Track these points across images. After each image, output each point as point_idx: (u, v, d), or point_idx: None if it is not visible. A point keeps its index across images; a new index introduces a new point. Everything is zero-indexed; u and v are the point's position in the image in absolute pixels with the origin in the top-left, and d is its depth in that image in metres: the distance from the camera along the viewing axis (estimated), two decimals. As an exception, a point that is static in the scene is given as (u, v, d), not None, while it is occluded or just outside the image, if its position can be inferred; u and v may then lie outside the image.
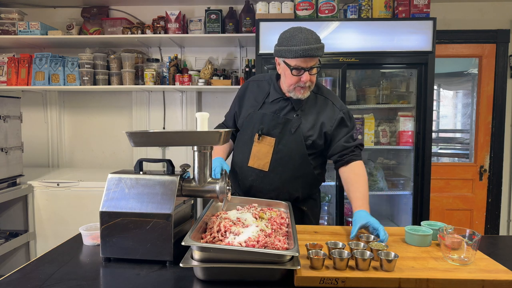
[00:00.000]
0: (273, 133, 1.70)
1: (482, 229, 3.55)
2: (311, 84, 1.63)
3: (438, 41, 3.19)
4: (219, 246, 1.12)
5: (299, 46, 1.52)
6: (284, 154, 1.69)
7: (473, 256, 1.20)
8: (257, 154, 1.72)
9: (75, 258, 1.33)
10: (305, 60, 1.55)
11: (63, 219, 2.98)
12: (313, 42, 1.53)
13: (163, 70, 3.32)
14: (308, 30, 1.57)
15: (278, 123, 1.70)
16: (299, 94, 1.64)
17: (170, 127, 3.64)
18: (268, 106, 1.74)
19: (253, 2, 3.17)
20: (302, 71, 1.57)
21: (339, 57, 2.82)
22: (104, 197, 1.29)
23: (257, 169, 1.72)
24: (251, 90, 1.83)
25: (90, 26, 3.36)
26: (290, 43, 1.54)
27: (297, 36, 1.54)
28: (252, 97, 1.80)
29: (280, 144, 1.69)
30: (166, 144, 1.33)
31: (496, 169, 3.51)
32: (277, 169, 1.70)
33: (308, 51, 1.51)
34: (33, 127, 3.67)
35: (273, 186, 1.71)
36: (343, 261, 1.12)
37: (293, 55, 1.53)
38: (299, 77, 1.59)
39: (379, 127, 3.20)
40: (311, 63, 1.57)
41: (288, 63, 1.58)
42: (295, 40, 1.53)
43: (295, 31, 1.56)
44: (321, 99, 1.74)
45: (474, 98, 3.58)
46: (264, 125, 1.71)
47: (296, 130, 1.68)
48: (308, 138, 1.68)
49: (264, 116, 1.72)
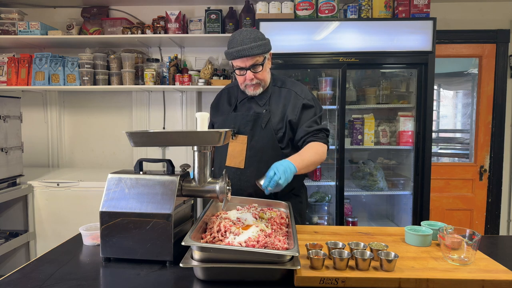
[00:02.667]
0: (244, 130, 1.76)
1: (482, 229, 3.55)
2: (260, 81, 1.71)
3: (438, 41, 3.20)
4: (219, 246, 1.12)
5: (235, 48, 1.60)
6: (257, 149, 1.74)
7: (473, 256, 1.20)
8: (232, 153, 1.78)
9: (75, 258, 1.33)
10: (243, 60, 1.63)
11: (63, 219, 2.97)
12: (248, 42, 1.60)
13: (163, 70, 3.32)
14: (248, 31, 1.64)
15: (248, 120, 1.76)
16: (251, 91, 1.73)
17: (170, 127, 3.64)
18: (240, 108, 1.83)
19: (253, 2, 3.17)
20: (244, 70, 1.66)
21: (339, 57, 2.82)
22: (104, 197, 1.29)
23: (234, 167, 1.77)
24: (224, 97, 1.92)
25: (90, 26, 3.36)
26: (229, 46, 1.64)
27: (235, 39, 1.62)
28: (226, 103, 1.89)
29: (252, 140, 1.74)
30: (166, 144, 1.33)
31: (496, 169, 3.51)
32: (252, 166, 1.74)
33: (241, 51, 1.59)
34: (33, 127, 3.67)
35: (250, 183, 1.73)
36: (343, 261, 1.12)
37: (231, 57, 1.63)
38: (244, 76, 1.68)
39: (379, 127, 3.20)
40: (250, 62, 1.64)
41: (233, 64, 1.68)
42: (232, 42, 1.63)
43: (235, 33, 1.65)
44: (284, 91, 1.80)
45: (474, 98, 3.58)
46: (236, 124, 1.77)
47: (266, 125, 1.73)
48: (279, 131, 1.74)
49: (236, 116, 1.80)
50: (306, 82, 3.30)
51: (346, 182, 3.02)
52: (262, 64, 1.67)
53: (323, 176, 3.23)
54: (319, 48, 2.83)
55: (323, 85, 3.09)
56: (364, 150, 3.40)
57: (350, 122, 3.17)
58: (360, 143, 3.12)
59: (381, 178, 3.16)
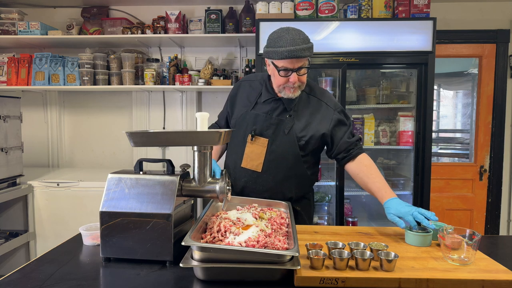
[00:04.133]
0: (266, 133, 1.70)
1: (482, 229, 3.55)
2: (300, 84, 1.63)
3: (438, 41, 3.19)
4: (219, 246, 1.12)
5: (285, 48, 1.51)
6: (278, 155, 1.69)
7: (473, 256, 1.20)
8: (250, 155, 1.72)
9: (75, 258, 1.33)
10: (292, 61, 1.54)
11: (63, 219, 2.97)
12: (299, 43, 1.52)
13: (163, 70, 3.32)
14: (295, 31, 1.56)
15: (271, 123, 1.69)
16: (289, 93, 1.64)
17: (170, 127, 3.64)
18: (260, 107, 1.74)
19: (253, 2, 3.17)
20: (289, 72, 1.57)
21: (339, 57, 2.82)
22: (104, 197, 1.29)
23: (250, 170, 1.72)
24: (244, 90, 1.83)
25: (90, 26, 3.36)
26: (276, 44, 1.54)
27: (283, 37, 1.53)
28: (245, 97, 1.80)
29: (273, 145, 1.69)
30: (166, 144, 1.33)
31: (496, 169, 3.51)
32: (270, 170, 1.70)
33: (293, 52, 1.50)
34: (33, 127, 3.67)
35: (267, 187, 1.71)
36: (343, 261, 1.12)
37: (279, 56, 1.53)
38: (287, 78, 1.59)
39: (379, 127, 3.20)
40: (298, 64, 1.56)
41: (276, 64, 1.58)
42: (281, 41, 1.52)
43: (282, 32, 1.55)
44: (314, 100, 1.73)
45: (474, 98, 3.58)
46: (257, 125, 1.71)
47: (290, 131, 1.68)
48: (301, 139, 1.68)
49: (257, 116, 1.72)
50: (306, 82, 3.30)
51: (346, 182, 3.01)
52: (307, 67, 1.60)
53: (323, 176, 3.23)
54: (319, 48, 2.82)
55: (323, 85, 3.09)
56: (364, 150, 3.39)
57: (350, 122, 3.16)
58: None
59: (381, 178, 3.15)
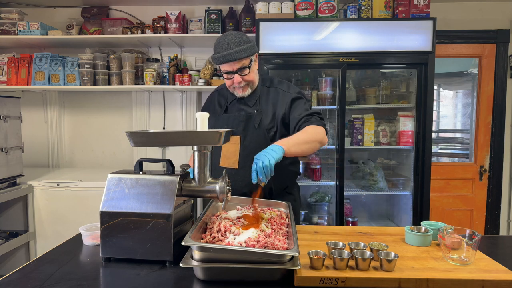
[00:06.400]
0: (237, 131, 1.78)
1: (482, 229, 3.55)
2: (247, 83, 1.73)
3: (438, 41, 3.19)
4: (219, 246, 1.12)
5: (221, 53, 1.63)
6: (251, 149, 1.74)
7: (473, 256, 1.20)
8: (226, 154, 1.80)
9: (75, 258, 1.33)
10: (230, 65, 1.65)
11: (63, 219, 2.97)
12: (233, 46, 1.61)
13: (163, 70, 3.32)
14: (233, 35, 1.66)
15: (240, 121, 1.78)
16: (240, 92, 1.75)
17: (170, 127, 3.64)
18: (230, 109, 1.85)
19: (253, 2, 3.17)
20: (231, 74, 1.68)
21: (339, 57, 2.82)
22: (104, 197, 1.29)
23: (228, 168, 1.78)
24: (214, 99, 1.94)
25: (90, 26, 3.36)
26: (216, 51, 1.66)
27: (220, 43, 1.65)
28: (217, 105, 1.91)
29: (245, 140, 1.77)
30: (166, 144, 1.33)
31: (496, 169, 3.51)
32: (246, 165, 1.74)
33: (227, 56, 1.61)
34: (33, 127, 3.67)
35: (245, 182, 1.73)
36: (343, 261, 1.12)
37: (217, 62, 1.67)
38: (232, 79, 1.70)
39: (379, 127, 3.20)
40: (237, 66, 1.65)
41: (220, 68, 1.71)
42: (218, 47, 1.65)
43: (220, 38, 1.67)
44: (272, 90, 1.82)
45: (474, 98, 3.58)
46: (229, 125, 1.79)
47: (259, 124, 1.75)
48: (270, 130, 1.76)
49: (229, 117, 1.82)
50: (306, 82, 3.30)
51: (346, 182, 3.02)
52: (249, 67, 1.69)
53: (323, 176, 3.23)
54: (319, 48, 2.83)
55: (323, 85, 3.10)
56: (364, 150, 3.40)
57: (350, 122, 3.17)
58: (360, 143, 3.12)
59: (381, 178, 3.16)
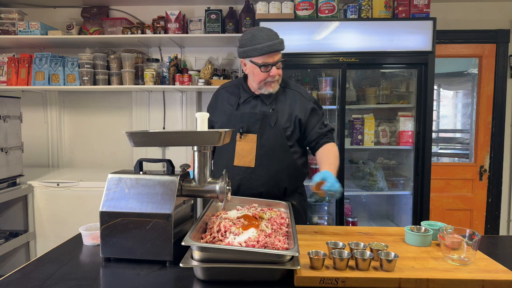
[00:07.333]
0: (253, 129, 1.76)
1: (482, 229, 3.55)
2: (279, 77, 1.75)
3: (438, 41, 3.19)
4: (219, 246, 1.12)
5: (264, 43, 1.63)
6: (268, 148, 1.75)
7: (473, 256, 1.20)
8: (241, 152, 1.77)
9: (75, 258, 1.33)
10: (271, 56, 1.66)
11: (63, 219, 2.97)
12: (275, 38, 1.66)
13: (163, 70, 3.32)
14: (267, 28, 1.69)
15: (257, 119, 1.76)
16: (270, 88, 1.75)
17: (170, 127, 3.64)
18: (242, 107, 1.82)
19: (253, 2, 3.17)
20: (270, 66, 1.67)
21: (339, 57, 2.82)
22: (104, 197, 1.29)
23: (243, 166, 1.76)
24: (222, 97, 1.91)
25: (90, 26, 3.36)
26: (253, 43, 1.65)
27: (258, 35, 1.65)
28: (225, 103, 1.88)
29: (262, 139, 1.75)
30: (166, 144, 1.33)
31: (496, 169, 3.51)
32: (263, 164, 1.74)
33: (272, 46, 1.63)
34: (33, 127, 3.67)
35: (262, 181, 1.74)
36: (343, 261, 1.12)
37: (259, 52, 1.64)
38: (268, 72, 1.69)
39: (379, 127, 3.20)
40: (277, 58, 1.68)
41: (255, 61, 1.68)
42: (257, 39, 1.64)
43: (255, 31, 1.67)
44: (290, 92, 1.84)
45: (474, 98, 3.58)
46: (244, 123, 1.77)
47: (275, 124, 1.75)
48: (287, 130, 1.77)
49: (243, 115, 1.79)
50: (306, 82, 3.30)
51: (346, 182, 3.02)
52: (283, 60, 1.72)
53: (323, 176, 3.22)
54: (319, 48, 2.83)
55: (323, 85, 3.09)
56: (364, 150, 3.40)
57: (350, 122, 3.17)
58: (360, 143, 3.12)
59: (381, 178, 3.16)
